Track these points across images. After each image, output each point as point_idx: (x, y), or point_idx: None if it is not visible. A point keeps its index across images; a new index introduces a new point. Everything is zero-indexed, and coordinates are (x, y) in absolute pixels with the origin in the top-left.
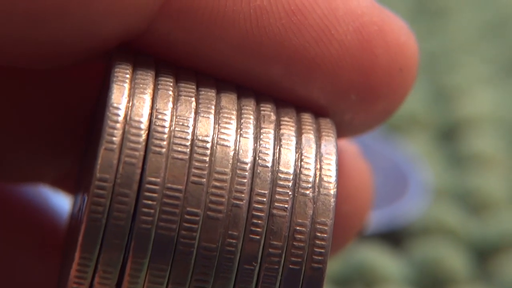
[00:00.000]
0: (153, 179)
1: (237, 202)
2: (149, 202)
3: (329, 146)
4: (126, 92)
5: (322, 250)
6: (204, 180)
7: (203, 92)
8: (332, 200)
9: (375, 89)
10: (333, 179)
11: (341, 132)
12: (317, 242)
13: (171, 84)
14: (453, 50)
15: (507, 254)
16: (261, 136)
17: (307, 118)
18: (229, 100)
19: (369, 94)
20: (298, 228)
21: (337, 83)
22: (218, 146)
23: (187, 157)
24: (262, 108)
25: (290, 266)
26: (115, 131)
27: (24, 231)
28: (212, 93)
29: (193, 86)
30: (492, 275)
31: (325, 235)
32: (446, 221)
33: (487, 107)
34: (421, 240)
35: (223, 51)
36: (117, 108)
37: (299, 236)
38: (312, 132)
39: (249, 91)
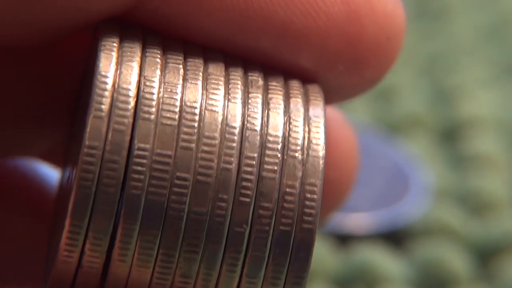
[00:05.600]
0: (142, 145)
1: (227, 165)
2: (139, 168)
3: (317, 109)
4: (114, 60)
5: (312, 211)
6: (193, 145)
7: (190, 60)
8: (321, 162)
9: (362, 59)
10: (321, 141)
11: (328, 99)
12: (307, 203)
13: (159, 52)
14: (455, 51)
15: (508, 255)
16: (249, 101)
17: (294, 83)
18: (216, 67)
19: (356, 64)
20: (288, 190)
21: (325, 55)
22: (206, 112)
23: (176, 123)
24: (249, 74)
25: (281, 227)
26: (104, 99)
27: (13, 196)
28: (199, 61)
29: (181, 55)
30: (493, 276)
31: (314, 196)
32: (447, 222)
33: (488, 108)
34: (422, 241)
35: (211, 26)
36: (105, 76)
37: (289, 197)
38: (300, 96)
39: (237, 59)
